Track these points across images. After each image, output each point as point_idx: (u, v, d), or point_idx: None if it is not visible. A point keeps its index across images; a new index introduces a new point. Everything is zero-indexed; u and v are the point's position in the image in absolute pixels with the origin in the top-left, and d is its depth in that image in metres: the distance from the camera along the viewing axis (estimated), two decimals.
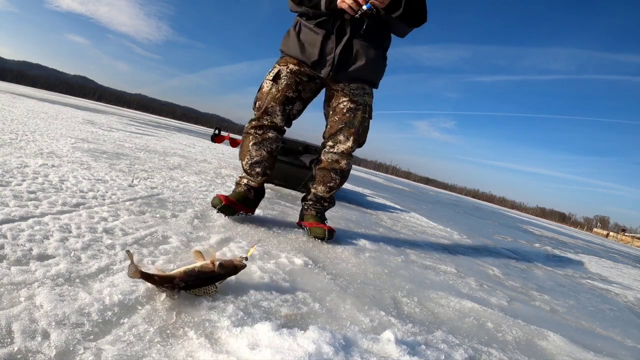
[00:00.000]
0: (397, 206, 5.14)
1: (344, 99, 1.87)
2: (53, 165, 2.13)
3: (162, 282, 0.88)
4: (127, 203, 1.69)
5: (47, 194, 1.51)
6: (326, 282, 1.31)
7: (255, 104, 1.88)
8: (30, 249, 0.98)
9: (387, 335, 0.92)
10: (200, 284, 0.94)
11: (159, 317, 0.82)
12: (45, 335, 0.67)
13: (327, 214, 2.11)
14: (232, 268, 1.01)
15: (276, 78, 1.82)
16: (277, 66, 1.87)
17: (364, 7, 1.64)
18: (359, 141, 1.93)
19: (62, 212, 1.33)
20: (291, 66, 1.84)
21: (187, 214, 1.75)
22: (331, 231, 1.86)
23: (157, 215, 1.60)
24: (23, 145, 2.62)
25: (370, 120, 1.96)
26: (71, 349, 0.65)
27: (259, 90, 1.88)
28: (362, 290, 1.33)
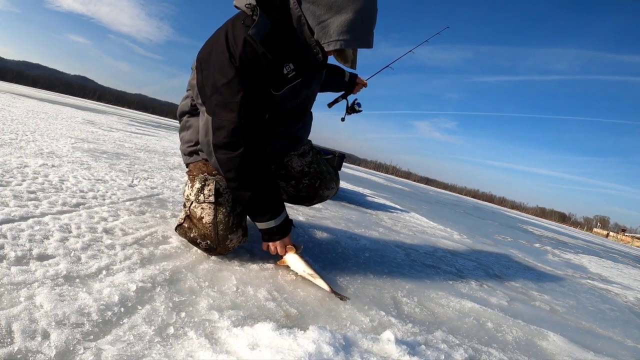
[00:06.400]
0: (397, 206, 5.14)
1: None
2: (53, 165, 2.13)
3: None
4: (127, 203, 1.69)
5: (47, 194, 1.51)
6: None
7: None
8: (30, 249, 0.98)
9: (387, 335, 0.92)
10: None
11: (159, 317, 0.82)
12: (45, 335, 0.67)
13: (329, 213, 2.08)
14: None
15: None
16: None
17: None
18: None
19: (62, 212, 1.33)
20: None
21: None
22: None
23: (157, 215, 1.60)
24: (23, 145, 2.62)
25: None
26: (71, 349, 0.65)
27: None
28: (362, 290, 1.33)
